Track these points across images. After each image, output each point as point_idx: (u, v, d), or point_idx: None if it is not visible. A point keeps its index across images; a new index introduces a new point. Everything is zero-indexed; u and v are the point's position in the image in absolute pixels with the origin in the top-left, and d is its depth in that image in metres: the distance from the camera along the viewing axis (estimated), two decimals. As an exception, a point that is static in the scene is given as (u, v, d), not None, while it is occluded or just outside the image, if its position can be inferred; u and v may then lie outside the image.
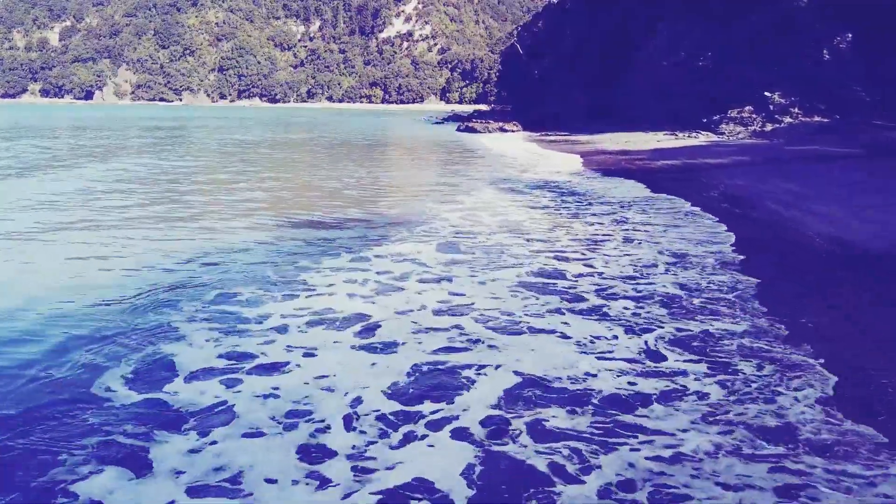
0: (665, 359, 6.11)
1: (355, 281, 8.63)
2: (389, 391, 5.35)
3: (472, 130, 53.66)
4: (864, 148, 25.60)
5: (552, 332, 6.81)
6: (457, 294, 8.11)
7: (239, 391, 5.34)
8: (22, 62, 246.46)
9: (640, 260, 9.97)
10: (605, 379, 5.67)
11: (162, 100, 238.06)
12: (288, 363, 5.91)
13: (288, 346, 6.30)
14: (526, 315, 7.34)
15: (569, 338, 6.64)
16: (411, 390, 5.40)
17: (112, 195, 16.24)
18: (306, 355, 6.10)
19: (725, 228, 12.24)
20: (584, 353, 6.26)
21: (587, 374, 5.77)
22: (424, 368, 5.85)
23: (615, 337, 6.67)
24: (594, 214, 14.19)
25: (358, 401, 5.17)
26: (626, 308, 7.59)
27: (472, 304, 7.72)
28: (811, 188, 16.02)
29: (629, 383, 5.59)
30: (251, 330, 6.78)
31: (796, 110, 38.24)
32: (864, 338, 6.56)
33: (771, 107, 38.87)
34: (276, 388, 5.36)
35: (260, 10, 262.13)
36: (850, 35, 37.27)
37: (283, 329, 6.81)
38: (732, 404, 5.17)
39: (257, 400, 5.16)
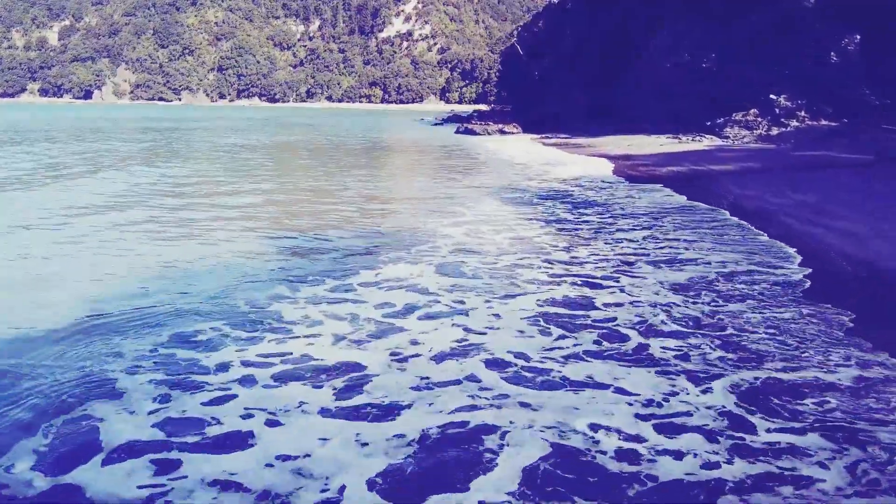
0: (751, 427, 4.77)
1: (340, 316, 7.43)
2: (384, 479, 4.19)
3: (472, 132, 52.86)
4: (875, 154, 24.75)
5: (591, 385, 5.64)
6: (468, 330, 6.97)
7: (179, 477, 4.19)
8: (21, 61, 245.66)
9: (686, 286, 8.72)
10: (667, 457, 4.38)
11: (161, 99, 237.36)
12: (249, 435, 4.75)
13: (249, 410, 5.14)
14: (555, 360, 6.17)
15: (616, 392, 5.47)
16: (413, 473, 4.25)
17: (81, 209, 14.81)
18: (272, 423, 4.94)
19: (793, 249, 10.72)
20: (639, 417, 5.00)
21: (645, 448, 4.53)
22: (430, 441, 4.66)
23: (678, 393, 5.40)
24: (620, 229, 12.92)
25: (341, 493, 4.05)
26: (680, 349, 6.38)
27: (487, 344, 6.57)
28: (849, 202, 14.97)
29: (705, 464, 4.27)
30: (205, 384, 5.62)
31: (803, 113, 37.46)
32: None
33: (777, 110, 38.10)
34: (229, 474, 4.22)
35: (259, 9, 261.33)
36: (857, 36, 36.51)
37: (246, 382, 5.66)
38: (855, 497, 3.90)
39: (202, 494, 4.01)
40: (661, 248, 11.20)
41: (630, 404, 5.30)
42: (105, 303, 7.81)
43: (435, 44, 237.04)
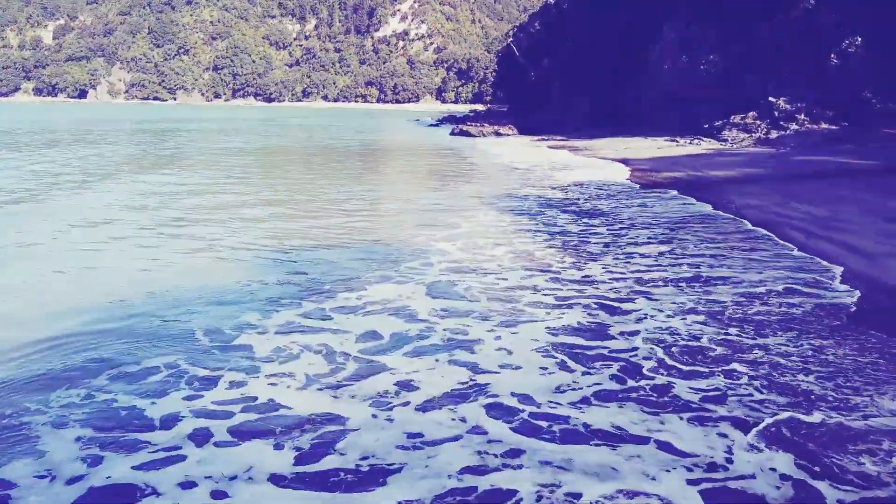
0: (819, 498, 4.03)
1: (314, 349, 6.55)
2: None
3: (467, 134, 52.34)
4: (880, 160, 24.24)
5: (625, 437, 4.85)
6: (467, 367, 6.13)
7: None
8: (15, 61, 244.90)
9: (717, 310, 7.78)
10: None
11: (156, 99, 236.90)
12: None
13: (193, 477, 4.27)
14: (574, 405, 5.37)
15: (657, 447, 4.67)
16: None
17: (45, 226, 13.73)
18: (219, 494, 4.09)
19: (839, 268, 9.67)
20: (691, 482, 4.23)
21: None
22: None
23: (723, 449, 4.60)
24: (633, 241, 12.02)
25: None
26: (717, 389, 5.59)
27: (492, 386, 5.76)
28: (880, 215, 14.10)
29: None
30: (146, 442, 4.76)
31: (802, 117, 36.98)
32: None
33: (776, 112, 37.62)
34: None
35: (255, 8, 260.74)
36: (858, 38, 36.05)
37: (196, 438, 4.82)
38: None
39: None
40: (681, 264, 10.36)
41: (675, 466, 4.47)
42: (41, 333, 6.93)
43: (431, 43, 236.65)
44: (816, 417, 5.15)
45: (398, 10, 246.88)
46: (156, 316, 7.60)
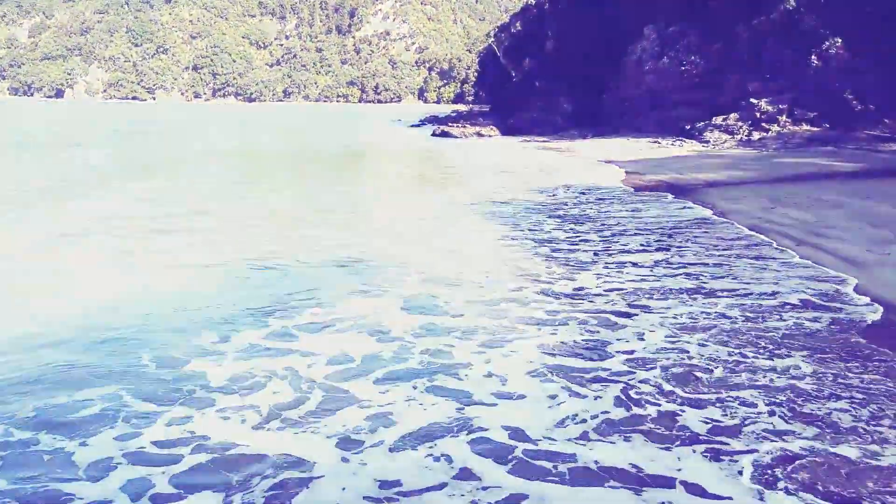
0: None
1: (278, 374, 5.81)
2: None
3: (449, 135, 51.65)
4: (862, 163, 23.92)
5: (645, 479, 4.26)
6: (449, 396, 5.43)
7: None
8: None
9: (725, 326, 7.09)
10: None
11: (135, 98, 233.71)
12: None
13: None
14: (578, 440, 4.71)
15: (684, 489, 4.12)
16: None
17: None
18: None
19: (853, 280, 8.95)
20: None
21: None
22: None
23: (750, 495, 4.06)
24: (626, 249, 11.22)
25: None
26: (733, 417, 5.01)
27: (481, 418, 5.05)
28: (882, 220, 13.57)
29: None
30: (70, 496, 4.03)
31: (784, 118, 36.82)
32: None
33: (757, 114, 37.43)
34: None
35: (235, 7, 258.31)
36: (839, 40, 35.93)
37: (128, 490, 4.12)
38: None
39: None
40: (682, 273, 9.63)
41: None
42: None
43: (413, 43, 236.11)
44: (850, 453, 4.58)
45: (379, 10, 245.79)
46: (97, 339, 6.76)
